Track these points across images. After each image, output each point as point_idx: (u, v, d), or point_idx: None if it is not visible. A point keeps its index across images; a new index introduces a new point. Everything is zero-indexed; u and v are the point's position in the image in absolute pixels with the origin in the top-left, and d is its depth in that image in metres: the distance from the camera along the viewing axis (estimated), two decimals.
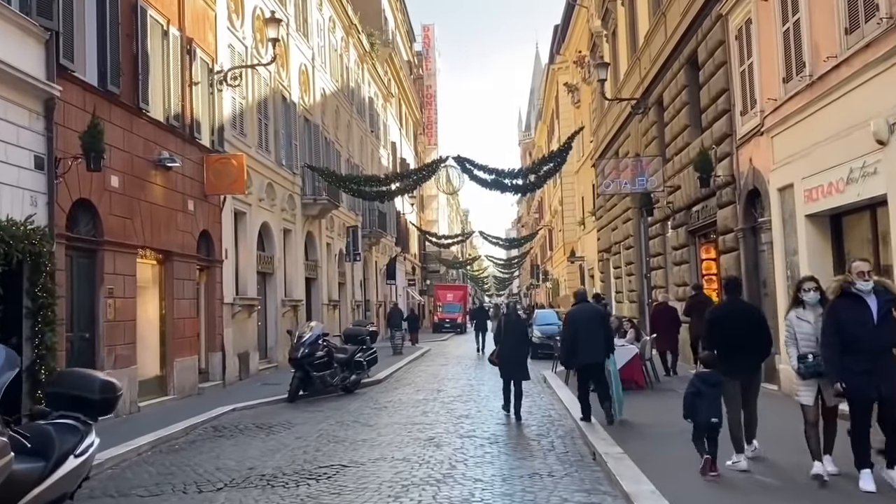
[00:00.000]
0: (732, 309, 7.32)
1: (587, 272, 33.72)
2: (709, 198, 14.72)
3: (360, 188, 19.53)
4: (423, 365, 20.90)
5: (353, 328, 16.00)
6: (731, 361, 6.87)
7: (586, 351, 9.63)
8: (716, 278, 15.86)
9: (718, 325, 7.15)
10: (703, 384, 6.58)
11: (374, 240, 32.70)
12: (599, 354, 9.65)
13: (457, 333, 42.66)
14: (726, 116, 13.31)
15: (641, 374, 12.56)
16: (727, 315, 7.24)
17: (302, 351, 13.29)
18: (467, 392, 13.97)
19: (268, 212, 18.94)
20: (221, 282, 15.65)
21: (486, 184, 19.28)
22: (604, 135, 26.38)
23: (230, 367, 15.87)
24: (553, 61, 41.96)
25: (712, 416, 6.45)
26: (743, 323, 7.06)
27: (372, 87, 36.07)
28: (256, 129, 18.50)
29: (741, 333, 6.97)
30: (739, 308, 7.39)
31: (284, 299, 20.07)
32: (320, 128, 24.59)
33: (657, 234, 18.96)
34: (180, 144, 13.85)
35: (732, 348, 6.91)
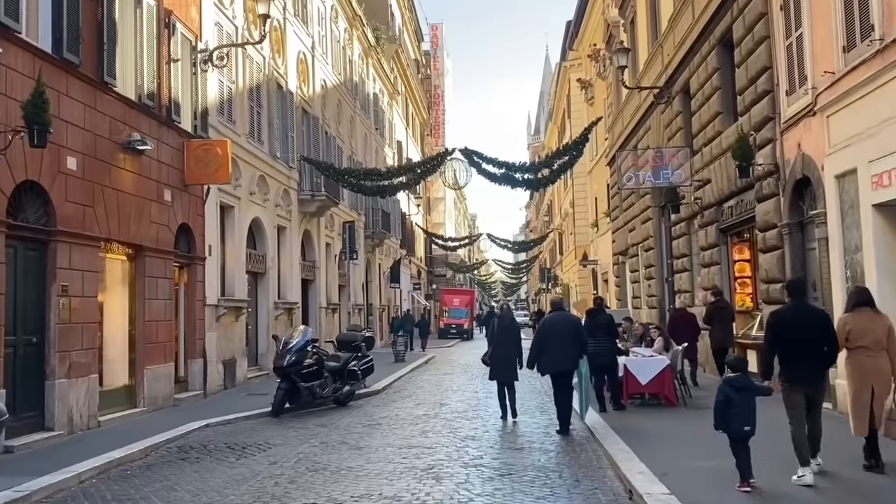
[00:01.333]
0: (797, 312, 6.69)
1: (601, 276, 32.16)
2: (745, 191, 13.19)
3: (359, 182, 18.08)
4: (426, 374, 19.40)
5: (347, 333, 14.50)
6: (795, 369, 6.44)
7: (556, 358, 9.73)
8: (750, 282, 14.34)
9: (781, 329, 6.57)
10: (732, 390, 6.13)
11: (377, 241, 31.25)
12: (569, 363, 9.71)
13: (463, 340, 41.15)
14: (768, 98, 11.79)
15: (673, 388, 11.02)
16: (791, 319, 6.63)
17: (288, 359, 11.82)
18: (474, 406, 12.46)
19: (259, 207, 17.50)
20: (204, 281, 14.20)
21: (495, 178, 17.77)
22: (620, 131, 24.88)
23: (212, 376, 14.42)
24: (565, 58, 40.51)
25: (744, 425, 6.02)
26: (808, 328, 6.51)
27: (377, 84, 34.69)
28: (247, 116, 17.08)
29: (806, 339, 6.46)
30: (804, 311, 6.77)
31: (278, 302, 18.62)
32: (320, 121, 23.17)
33: (682, 234, 17.42)
34: (155, 127, 12.42)
35: (796, 355, 6.45)
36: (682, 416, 10.28)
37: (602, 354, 10.82)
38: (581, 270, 37.64)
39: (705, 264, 15.57)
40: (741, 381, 6.19)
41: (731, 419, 6.06)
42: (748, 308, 14.39)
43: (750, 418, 6.03)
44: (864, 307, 6.67)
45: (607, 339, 11.00)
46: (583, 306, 17.18)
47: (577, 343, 9.76)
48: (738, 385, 6.14)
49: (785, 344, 6.51)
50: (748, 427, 6.01)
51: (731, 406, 6.06)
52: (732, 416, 6.05)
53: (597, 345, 10.91)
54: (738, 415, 6.03)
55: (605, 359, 10.84)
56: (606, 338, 11.00)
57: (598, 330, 11.04)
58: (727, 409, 6.09)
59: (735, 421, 6.04)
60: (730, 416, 6.06)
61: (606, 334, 11.03)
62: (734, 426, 6.05)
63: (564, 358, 9.67)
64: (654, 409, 10.88)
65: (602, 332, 11.00)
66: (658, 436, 8.78)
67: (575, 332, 9.89)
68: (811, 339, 6.45)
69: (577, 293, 40.16)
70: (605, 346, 10.92)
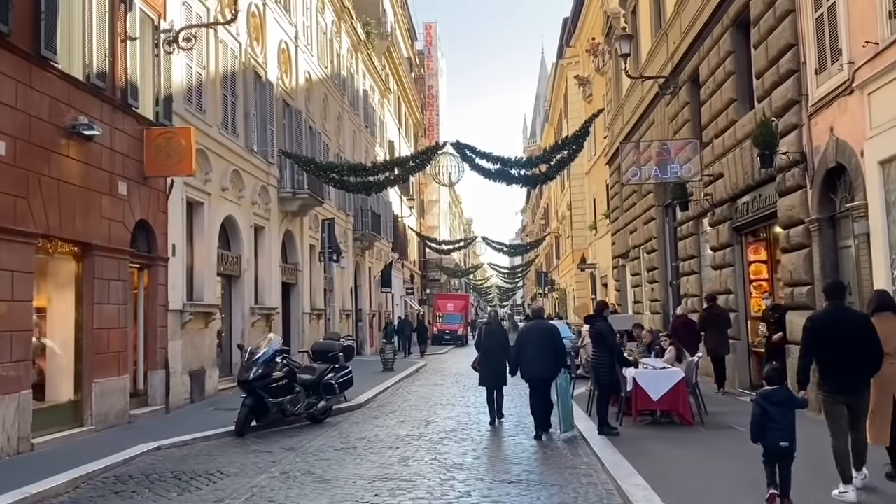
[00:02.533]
0: (836, 316, 6.23)
1: (599, 280, 30.89)
2: (764, 185, 11.95)
3: (343, 178, 16.75)
4: (414, 384, 18.06)
5: (323, 343, 13.13)
6: (835, 378, 6.05)
7: (534, 366, 9.86)
8: (766, 285, 13.11)
9: (819, 335, 6.14)
10: (769, 403, 5.66)
11: (366, 243, 29.91)
12: (546, 371, 9.78)
13: (457, 346, 39.78)
14: (792, 79, 10.54)
15: (688, 404, 9.71)
16: (829, 324, 6.17)
17: (254, 371, 10.49)
18: (464, 424, 11.12)
19: (233, 204, 16.17)
20: (167, 284, 12.87)
21: (490, 174, 16.49)
22: (620, 127, 23.64)
23: (176, 388, 13.08)
24: (562, 56, 39.30)
25: (781, 440, 5.58)
26: (849, 333, 6.03)
27: (367, 80, 33.41)
28: (220, 106, 15.77)
29: (846, 345, 6.00)
30: (844, 315, 6.28)
31: (254, 307, 17.28)
32: (304, 115, 21.88)
33: (689, 234, 16.15)
34: (108, 111, 11.11)
35: (836, 363, 6.04)
36: (702, 438, 8.98)
37: (599, 370, 9.54)
38: (579, 274, 36.36)
39: (716, 266, 14.30)
40: (780, 395, 5.70)
41: (767, 433, 5.64)
42: (764, 314, 13.13)
43: (789, 434, 5.59)
44: (886, 311, 6.29)
45: (605, 352, 9.64)
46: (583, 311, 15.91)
47: (552, 351, 9.83)
48: (777, 399, 5.67)
49: (824, 351, 6.11)
50: (786, 443, 5.56)
51: (768, 418, 5.63)
52: (770, 431, 5.62)
53: (594, 358, 9.66)
54: (776, 430, 5.60)
55: (602, 375, 9.54)
56: (603, 350, 9.66)
57: (596, 340, 9.77)
58: (764, 421, 5.65)
59: (772, 436, 5.61)
60: (767, 429, 5.64)
61: (602, 345, 9.67)
62: (771, 440, 5.62)
63: (537, 365, 9.81)
64: (668, 429, 9.57)
65: (598, 343, 9.70)
66: (678, 464, 7.48)
67: (549, 340, 9.91)
68: (852, 345, 5.99)
69: (574, 298, 38.89)
70: (603, 360, 9.60)
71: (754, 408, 5.81)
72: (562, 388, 9.85)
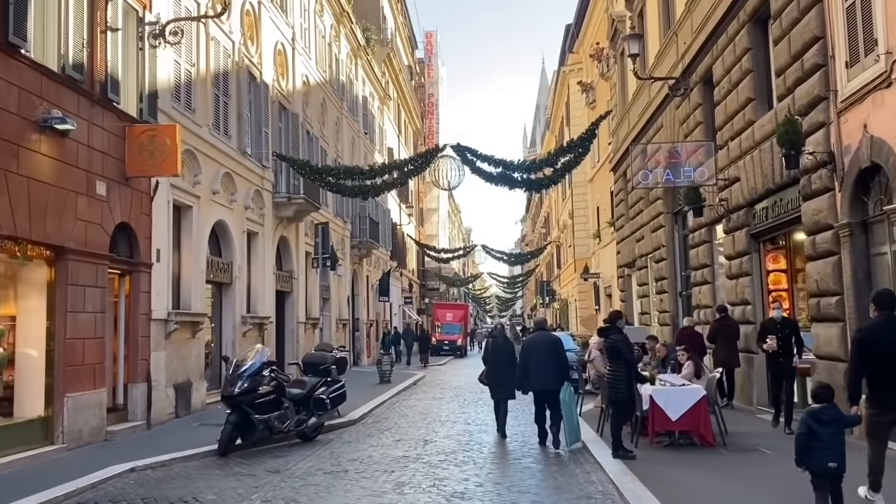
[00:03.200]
0: (888, 328, 5.83)
1: (603, 290, 30.12)
2: (785, 189, 11.22)
3: (339, 181, 16.04)
4: (412, 398, 17.27)
5: (315, 354, 12.32)
6: (886, 392, 5.72)
7: (540, 378, 9.85)
8: (786, 295, 12.34)
9: (869, 347, 5.81)
10: (817, 423, 5.31)
11: (364, 251, 29.17)
12: (553, 382, 9.77)
13: (456, 357, 38.95)
14: (819, 74, 9.83)
15: (709, 424, 8.94)
16: (881, 335, 5.81)
17: (239, 385, 9.72)
18: (465, 444, 10.33)
19: (224, 208, 15.44)
20: (150, 291, 12.12)
21: (491, 178, 15.78)
22: (626, 132, 22.94)
23: (160, 402, 12.30)
24: (564, 63, 38.68)
25: (830, 461, 5.25)
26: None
27: (367, 87, 32.77)
28: (211, 106, 15.07)
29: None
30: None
31: (246, 316, 16.51)
32: (300, 119, 21.18)
33: (701, 242, 15.40)
34: (86, 106, 10.39)
35: (887, 376, 5.70)
36: (726, 461, 8.20)
37: (616, 386, 8.77)
38: (581, 284, 35.58)
39: (732, 275, 13.55)
40: (828, 413, 5.35)
41: (814, 453, 5.29)
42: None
43: (838, 454, 5.25)
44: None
45: (622, 366, 8.86)
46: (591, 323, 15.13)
47: (557, 363, 9.89)
48: (826, 418, 5.32)
49: (874, 364, 5.77)
50: (834, 464, 5.22)
51: (815, 439, 5.29)
52: (816, 451, 5.28)
53: (610, 373, 8.90)
54: (824, 450, 5.25)
55: (619, 392, 8.78)
56: (620, 364, 8.88)
57: (611, 353, 9.02)
58: (810, 442, 5.31)
59: (819, 456, 5.27)
60: (813, 450, 5.29)
61: (619, 359, 8.88)
62: (818, 461, 5.27)
63: (542, 378, 9.81)
64: (688, 452, 8.80)
65: (614, 357, 8.94)
66: (703, 492, 6.74)
67: (554, 351, 9.96)
68: None
69: (577, 308, 38.11)
70: (620, 376, 8.83)
71: (800, 427, 5.45)
72: (565, 401, 9.74)
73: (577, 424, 9.78)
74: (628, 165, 22.71)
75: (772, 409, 10.82)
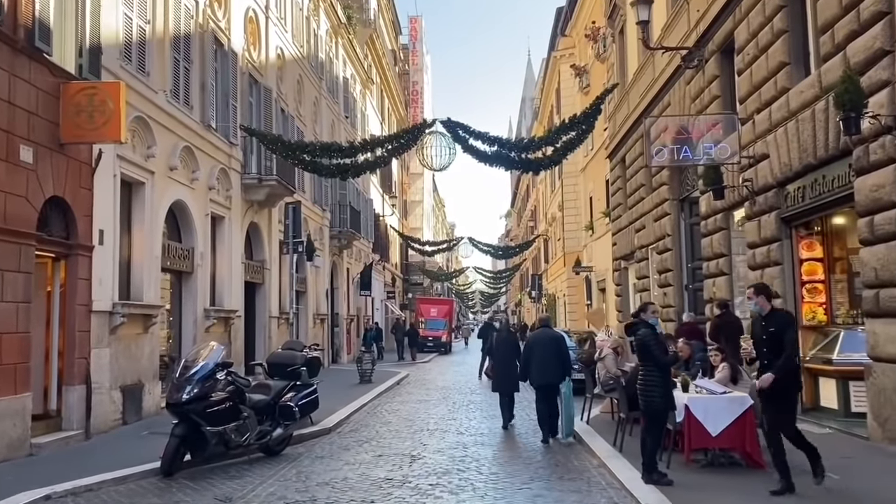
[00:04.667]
0: None
1: (596, 285, 28.63)
2: (829, 163, 9.70)
3: (315, 160, 14.34)
4: (395, 400, 15.62)
5: (282, 354, 10.57)
6: None
7: (541, 373, 10.27)
8: (822, 287, 10.87)
9: None
10: None
11: (345, 242, 27.43)
12: (554, 377, 10.18)
13: (441, 354, 37.34)
14: (882, 24, 8.30)
15: (756, 441, 7.38)
16: None
17: (188, 391, 8.04)
18: (459, 461, 8.69)
19: (184, 187, 13.71)
20: (90, 279, 10.39)
21: (486, 157, 14.17)
22: (626, 115, 21.42)
23: (103, 407, 10.60)
24: (555, 47, 37.10)
25: None
26: None
27: (349, 68, 31.02)
28: (169, 70, 13.32)
29: None
30: None
31: (210, 309, 14.77)
32: (274, 94, 19.43)
33: (717, 230, 13.87)
34: (6, 55, 8.65)
35: None
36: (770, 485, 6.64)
37: (650, 393, 7.16)
38: (571, 279, 34.14)
39: (756, 265, 12.03)
40: None
41: None
42: (820, 322, 10.91)
43: None
44: None
45: (654, 371, 7.16)
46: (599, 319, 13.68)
47: (559, 358, 10.29)
48: None
49: None
50: None
51: None
52: None
53: (643, 378, 7.28)
54: None
55: (653, 399, 7.17)
56: (652, 367, 7.19)
57: (641, 353, 7.42)
58: None
59: None
60: None
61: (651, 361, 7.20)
62: None
63: (545, 372, 10.23)
64: (733, 474, 7.25)
65: (645, 357, 7.33)
66: None
67: (556, 347, 10.42)
68: None
69: (565, 304, 36.64)
70: (653, 381, 7.21)
71: None
72: (565, 395, 10.10)
73: (573, 418, 10.19)
74: (628, 150, 21.24)
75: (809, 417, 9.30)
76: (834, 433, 9.30)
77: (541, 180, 47.72)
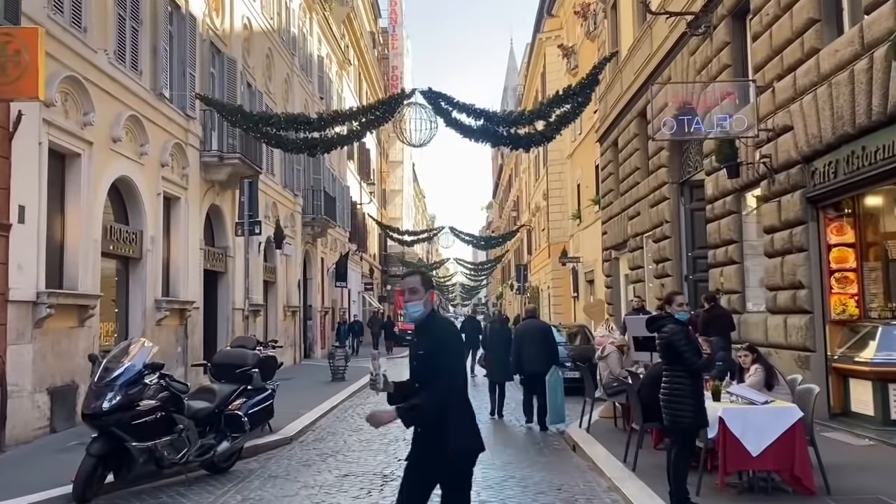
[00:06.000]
0: None
1: (583, 276, 27.32)
2: (873, 131, 8.36)
3: (279, 133, 12.80)
4: (368, 402, 14.15)
5: (230, 352, 8.88)
6: None
7: (529, 362, 10.78)
8: (854, 277, 9.56)
9: None
10: None
11: (318, 229, 25.86)
12: (541, 365, 10.64)
13: None
14: None
15: (807, 461, 6.01)
16: None
17: (109, 399, 6.52)
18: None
19: (130, 162, 12.12)
20: (7, 263, 8.82)
21: (471, 132, 12.75)
22: (619, 95, 20.08)
23: (23, 414, 9.05)
24: (540, 29, 35.66)
25: None
26: None
27: (324, 47, 29.39)
28: (113, 29, 11.71)
29: None
30: None
31: (161, 300, 13.20)
32: (239, 66, 17.82)
33: (726, 213, 12.55)
34: None
35: None
36: None
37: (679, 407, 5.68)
38: (556, 271, 32.80)
39: (775, 252, 10.70)
40: None
41: None
42: (851, 316, 9.60)
43: None
44: None
45: (683, 379, 5.64)
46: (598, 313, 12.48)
47: (546, 347, 10.79)
48: None
49: None
50: None
51: None
52: None
53: (670, 385, 5.80)
54: None
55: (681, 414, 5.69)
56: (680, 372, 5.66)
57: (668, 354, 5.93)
58: None
59: None
60: None
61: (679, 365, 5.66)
62: None
63: (533, 361, 10.67)
64: (777, 502, 5.89)
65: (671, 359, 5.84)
66: None
67: (543, 337, 10.94)
68: None
69: (549, 296, 35.34)
70: (681, 390, 5.65)
71: None
72: (552, 384, 10.43)
73: (561, 406, 10.47)
74: (621, 132, 19.90)
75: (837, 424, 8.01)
76: (876, 445, 8.00)
77: (524, 169, 46.37)
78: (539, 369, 10.59)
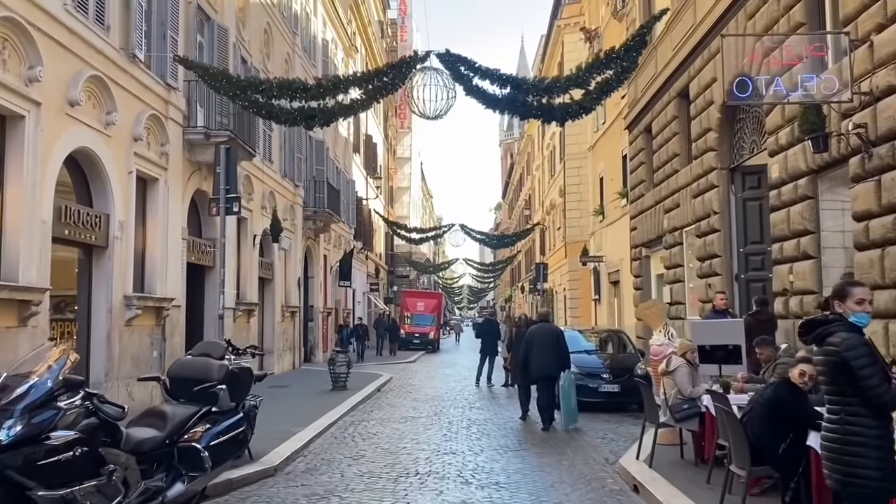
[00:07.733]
0: None
1: (607, 277, 25.33)
2: None
3: (270, 102, 10.90)
4: (373, 416, 12.21)
5: (190, 361, 6.69)
6: None
7: (541, 366, 11.01)
8: None
9: None
10: None
11: (321, 224, 23.96)
12: (553, 369, 10.94)
13: (428, 352, 34.03)
14: None
15: None
16: None
17: (6, 428, 4.59)
18: None
19: (92, 131, 10.22)
20: None
21: (496, 102, 10.87)
22: (652, 77, 18.14)
23: None
24: (558, 15, 33.73)
25: None
26: None
27: (329, 31, 27.55)
28: None
29: None
30: None
31: (132, 296, 11.28)
32: (233, 38, 15.96)
33: (800, 199, 10.55)
34: None
35: None
36: None
37: (857, 460, 3.58)
38: (574, 272, 30.80)
39: (866, 245, 8.72)
40: None
41: None
42: None
43: None
44: None
45: (863, 416, 3.62)
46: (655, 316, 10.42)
47: (558, 351, 11.08)
48: None
49: None
50: None
51: None
52: None
53: (838, 424, 3.69)
54: None
55: (863, 473, 3.55)
56: (857, 406, 3.63)
57: (832, 375, 3.74)
58: None
59: None
60: None
61: (857, 395, 3.61)
62: None
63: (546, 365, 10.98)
64: None
65: (845, 385, 3.59)
66: None
67: (555, 341, 11.17)
68: None
69: (565, 299, 33.35)
70: (864, 433, 3.60)
71: None
72: (564, 388, 10.73)
73: (574, 409, 10.75)
74: (656, 116, 17.94)
75: None
76: None
77: (537, 166, 44.42)
78: (551, 374, 10.87)
